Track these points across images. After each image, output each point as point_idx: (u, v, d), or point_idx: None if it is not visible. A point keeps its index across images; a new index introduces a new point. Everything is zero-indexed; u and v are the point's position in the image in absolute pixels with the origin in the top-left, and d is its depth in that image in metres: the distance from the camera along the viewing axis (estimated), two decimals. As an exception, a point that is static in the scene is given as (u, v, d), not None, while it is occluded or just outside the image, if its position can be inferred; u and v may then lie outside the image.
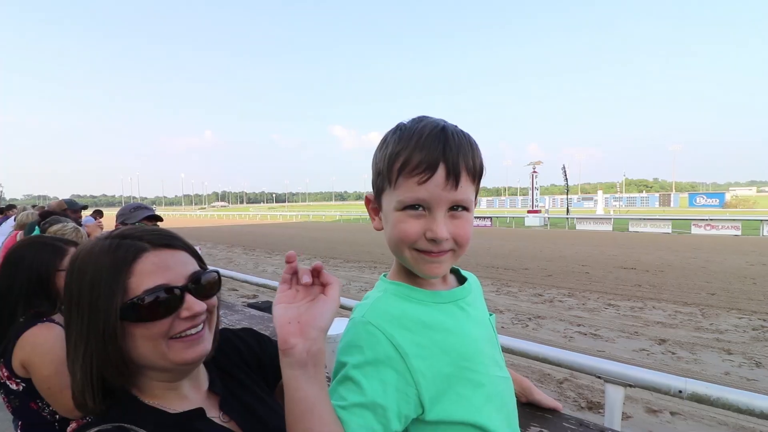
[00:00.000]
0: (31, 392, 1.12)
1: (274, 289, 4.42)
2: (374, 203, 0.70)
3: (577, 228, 22.59)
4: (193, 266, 0.70)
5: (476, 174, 0.64)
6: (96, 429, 0.60)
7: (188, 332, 0.66)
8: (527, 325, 5.55)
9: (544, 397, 0.87)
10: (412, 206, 0.61)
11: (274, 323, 0.59)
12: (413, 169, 0.60)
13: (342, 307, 3.58)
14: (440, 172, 0.59)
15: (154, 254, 0.66)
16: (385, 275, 0.74)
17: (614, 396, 1.90)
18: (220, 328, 0.92)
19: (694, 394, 1.73)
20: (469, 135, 0.65)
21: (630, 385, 1.88)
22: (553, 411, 0.85)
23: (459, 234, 0.63)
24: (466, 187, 0.62)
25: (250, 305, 3.89)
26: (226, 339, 0.86)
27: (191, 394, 0.72)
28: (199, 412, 0.69)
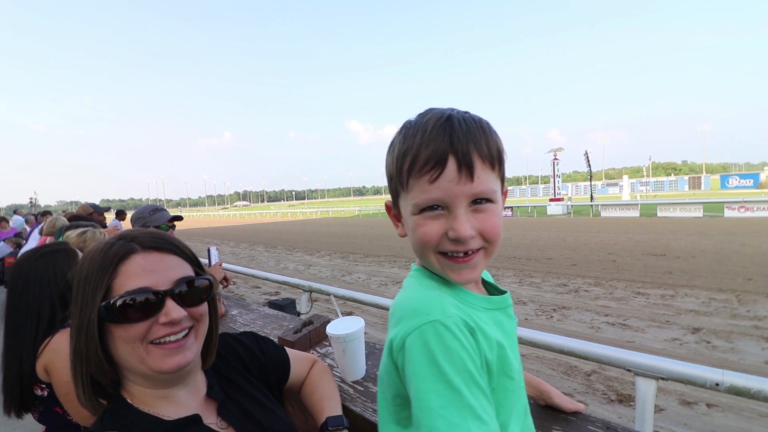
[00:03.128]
0: (55, 397, 1.15)
1: (294, 286, 4.48)
2: (394, 209, 0.65)
3: (602, 215, 21.92)
4: (183, 271, 0.69)
5: (494, 160, 0.57)
6: None
7: (168, 339, 0.65)
8: (552, 317, 5.43)
9: (564, 399, 0.83)
10: (430, 207, 0.56)
11: None
12: (422, 167, 0.55)
13: (360, 302, 3.52)
14: (451, 166, 0.54)
15: (142, 256, 0.66)
16: (416, 266, 0.66)
17: (645, 389, 1.82)
18: (226, 331, 0.91)
19: (732, 387, 1.64)
20: (481, 119, 0.59)
21: (662, 378, 1.80)
22: (576, 413, 0.81)
23: (486, 228, 0.57)
24: (484, 177, 0.55)
25: (271, 302, 3.94)
26: (225, 344, 0.85)
27: (188, 401, 0.72)
28: (195, 419, 0.68)
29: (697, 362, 3.92)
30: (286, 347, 0.99)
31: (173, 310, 0.64)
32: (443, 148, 0.54)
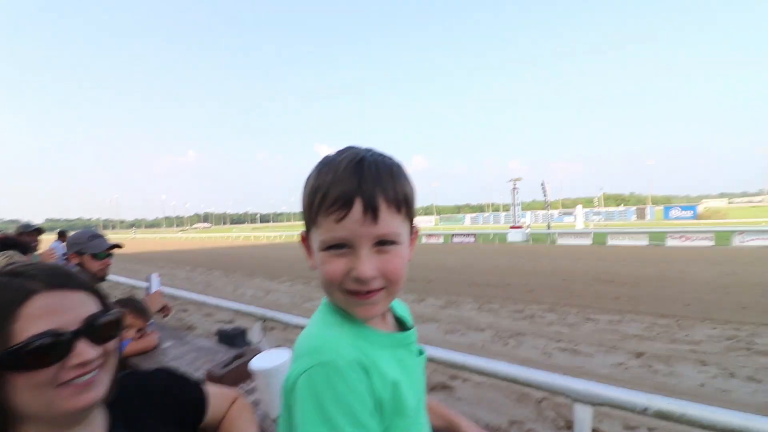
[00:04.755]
0: None
1: (248, 314, 4.31)
2: (308, 241, 0.65)
3: (558, 243, 22.93)
4: (90, 308, 0.66)
5: (400, 203, 0.59)
6: None
7: (78, 380, 0.61)
8: (508, 343, 5.52)
9: (473, 430, 0.84)
10: (335, 246, 0.57)
11: None
12: (330, 206, 0.56)
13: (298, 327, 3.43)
14: (357, 207, 0.55)
15: (45, 296, 0.61)
16: (327, 300, 0.66)
17: (582, 415, 1.88)
18: (152, 366, 0.87)
19: (659, 411, 1.73)
20: (393, 163, 0.61)
21: (598, 404, 1.86)
22: None
23: (388, 270, 0.58)
24: (389, 220, 0.57)
25: (220, 332, 3.76)
26: (135, 382, 0.81)
27: None
28: None
29: (639, 387, 4.08)
30: (209, 382, 0.95)
31: (86, 350, 0.61)
32: (351, 189, 0.56)
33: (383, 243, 0.58)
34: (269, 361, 1.00)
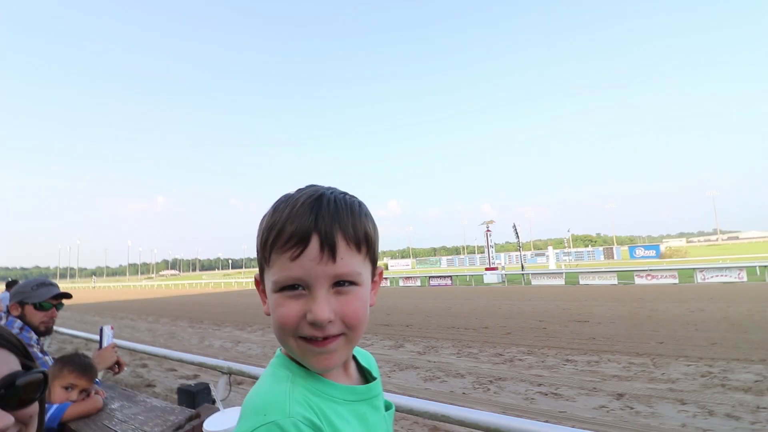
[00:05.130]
0: None
1: (213, 368, 4.00)
2: (262, 284, 0.60)
3: (532, 283, 23.24)
4: (7, 367, 0.57)
5: (360, 242, 0.56)
6: None
7: None
8: (489, 389, 5.34)
9: None
10: (290, 286, 0.53)
11: None
12: (284, 244, 0.53)
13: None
14: (313, 244, 0.52)
15: None
16: (281, 352, 0.60)
17: (570, 466, 1.77)
18: (102, 427, 0.75)
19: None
20: (353, 201, 0.58)
21: (584, 453, 1.77)
22: None
23: (347, 312, 0.54)
24: (348, 259, 0.54)
25: (181, 389, 3.46)
26: None
27: None
28: None
29: (624, 430, 3.96)
30: None
31: None
32: (307, 225, 0.52)
33: (341, 284, 0.54)
34: (225, 421, 0.89)
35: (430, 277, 28.59)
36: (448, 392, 5.30)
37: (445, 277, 27.86)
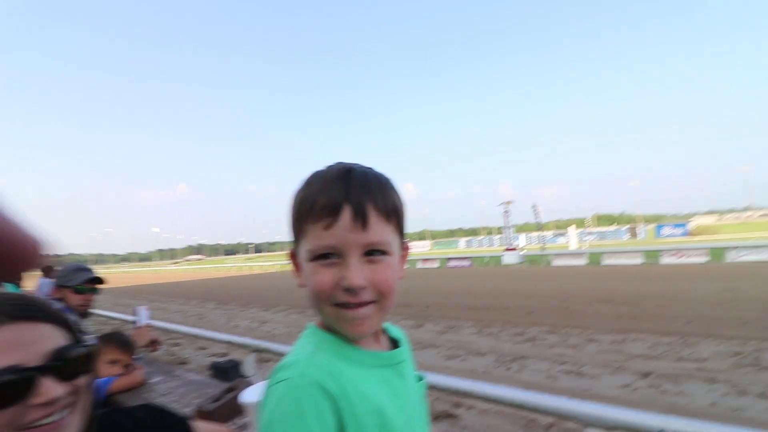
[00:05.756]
0: None
1: (241, 346, 4.16)
2: (297, 257, 0.63)
3: (553, 264, 22.90)
4: (57, 341, 0.60)
5: (389, 213, 0.59)
6: None
7: (42, 422, 0.54)
8: (510, 368, 5.37)
9: None
10: (324, 255, 0.56)
11: None
12: (318, 214, 0.56)
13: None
14: (345, 214, 0.55)
15: (7, 329, 0.56)
16: (313, 325, 0.65)
17: (596, 441, 1.78)
18: (140, 402, 0.80)
19: (677, 434, 1.64)
20: (382, 175, 0.62)
21: (610, 428, 1.77)
22: None
23: (378, 280, 0.56)
24: (378, 228, 0.57)
25: (214, 365, 3.61)
26: (116, 419, 0.74)
27: None
28: None
29: (649, 408, 3.94)
30: (198, 419, 0.87)
31: (52, 388, 0.55)
32: (339, 196, 0.56)
33: (373, 252, 0.57)
34: (260, 394, 0.92)
35: (448, 258, 28.57)
36: (469, 370, 5.36)
37: (463, 258, 27.78)
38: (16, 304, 0.59)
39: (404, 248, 0.65)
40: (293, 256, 0.64)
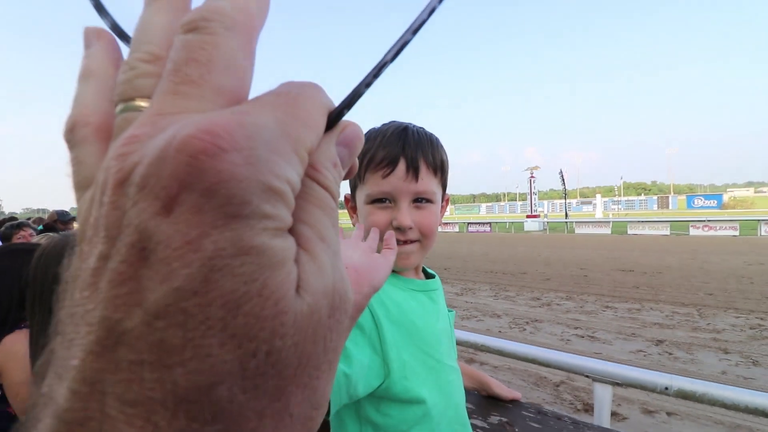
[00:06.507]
0: (6, 398, 1.13)
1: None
2: (352, 202, 0.75)
3: (576, 232, 22.62)
4: None
5: (437, 168, 0.70)
6: None
7: None
8: (524, 329, 5.55)
9: (503, 389, 0.92)
10: (379, 199, 0.67)
11: None
12: (377, 164, 0.66)
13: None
14: (401, 166, 0.65)
15: None
16: None
17: (602, 394, 1.91)
18: None
19: (680, 391, 1.74)
20: (431, 134, 0.72)
21: (617, 384, 1.88)
22: (513, 401, 0.89)
23: (423, 223, 0.68)
24: (427, 180, 0.67)
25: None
26: None
27: None
28: None
29: (655, 371, 4.06)
30: None
31: None
32: (396, 151, 0.66)
33: (420, 200, 0.68)
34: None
35: (468, 223, 28.54)
36: (484, 330, 5.56)
37: (484, 223, 27.70)
38: None
39: (445, 199, 0.76)
40: (348, 201, 0.76)
